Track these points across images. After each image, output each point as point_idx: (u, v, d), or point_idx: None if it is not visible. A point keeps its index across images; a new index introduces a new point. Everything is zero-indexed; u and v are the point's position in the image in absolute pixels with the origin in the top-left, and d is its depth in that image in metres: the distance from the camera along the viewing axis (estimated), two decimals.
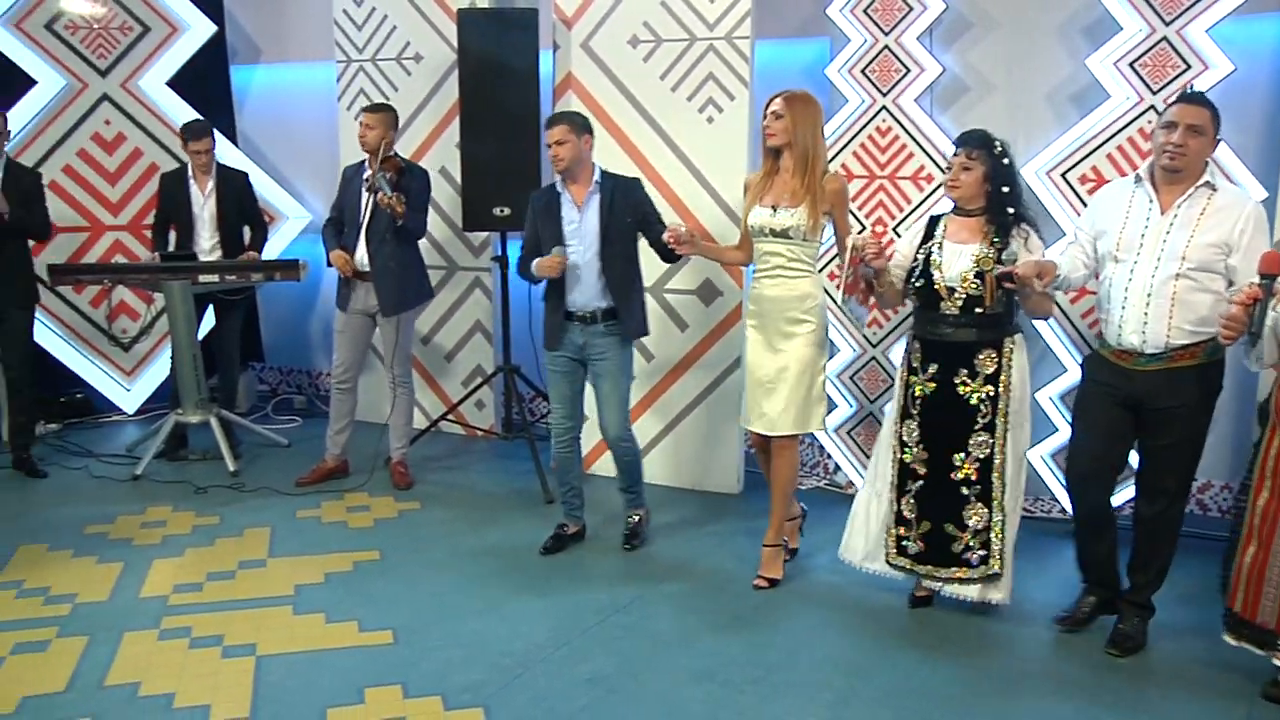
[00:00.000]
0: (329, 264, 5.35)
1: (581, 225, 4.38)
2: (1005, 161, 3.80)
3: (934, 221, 3.97)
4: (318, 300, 7.27)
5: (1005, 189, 3.78)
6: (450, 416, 6.28)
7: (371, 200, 5.17)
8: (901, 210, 5.00)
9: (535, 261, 4.36)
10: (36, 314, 5.70)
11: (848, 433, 5.34)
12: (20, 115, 6.42)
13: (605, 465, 5.31)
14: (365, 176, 5.23)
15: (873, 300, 4.05)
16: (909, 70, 4.90)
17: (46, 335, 6.57)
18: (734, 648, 3.77)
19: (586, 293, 4.40)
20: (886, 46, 4.93)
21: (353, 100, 6.39)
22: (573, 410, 4.55)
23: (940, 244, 3.88)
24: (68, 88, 6.53)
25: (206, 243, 5.91)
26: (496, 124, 5.48)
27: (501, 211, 5.56)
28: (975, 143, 3.79)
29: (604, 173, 4.46)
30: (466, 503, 5.31)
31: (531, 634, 3.87)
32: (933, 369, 3.89)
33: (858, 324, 5.13)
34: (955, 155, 3.83)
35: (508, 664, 3.64)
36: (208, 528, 4.96)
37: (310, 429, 6.49)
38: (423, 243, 5.44)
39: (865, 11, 4.95)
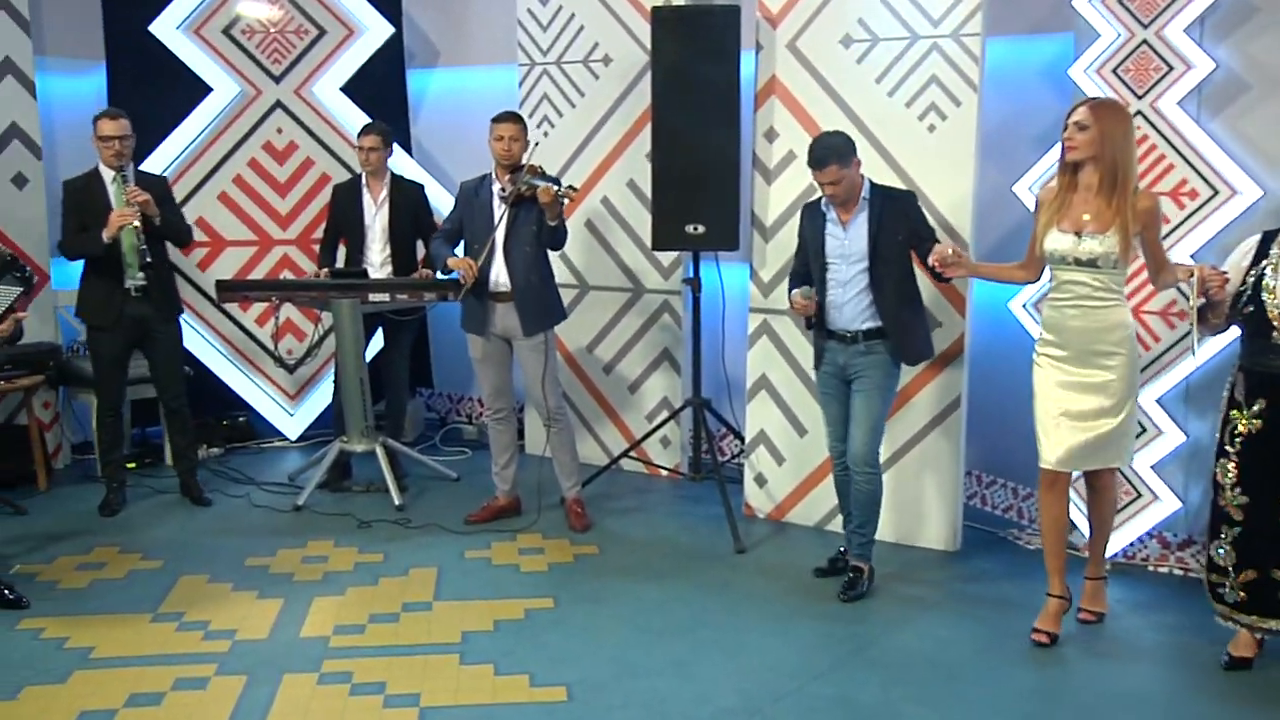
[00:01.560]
0: (443, 271, 5.41)
1: (847, 242, 4.51)
2: None
3: (1268, 238, 3.87)
4: None
5: None
6: (632, 453, 6.28)
7: (506, 213, 5.23)
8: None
9: (791, 296, 4.63)
10: (200, 332, 5.91)
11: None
12: (195, 124, 6.77)
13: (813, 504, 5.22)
14: (497, 189, 5.30)
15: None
16: (1171, 68, 4.68)
17: (210, 354, 6.88)
18: None
19: (850, 312, 4.57)
20: (1145, 41, 4.72)
21: (536, 105, 6.51)
22: (844, 432, 4.72)
23: (1276, 265, 3.80)
24: (242, 95, 6.85)
25: (376, 257, 6.07)
26: (691, 133, 5.49)
27: (695, 229, 5.56)
28: None
29: (873, 185, 4.56)
30: (649, 549, 5.30)
31: (719, 698, 3.82)
32: (1260, 405, 3.85)
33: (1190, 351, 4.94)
34: None
35: None
36: (371, 565, 5.08)
37: (481, 462, 6.50)
38: (606, 262, 5.45)
39: (1120, 1, 4.76)
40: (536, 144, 5.46)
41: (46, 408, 6.43)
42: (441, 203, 6.71)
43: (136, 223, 5.39)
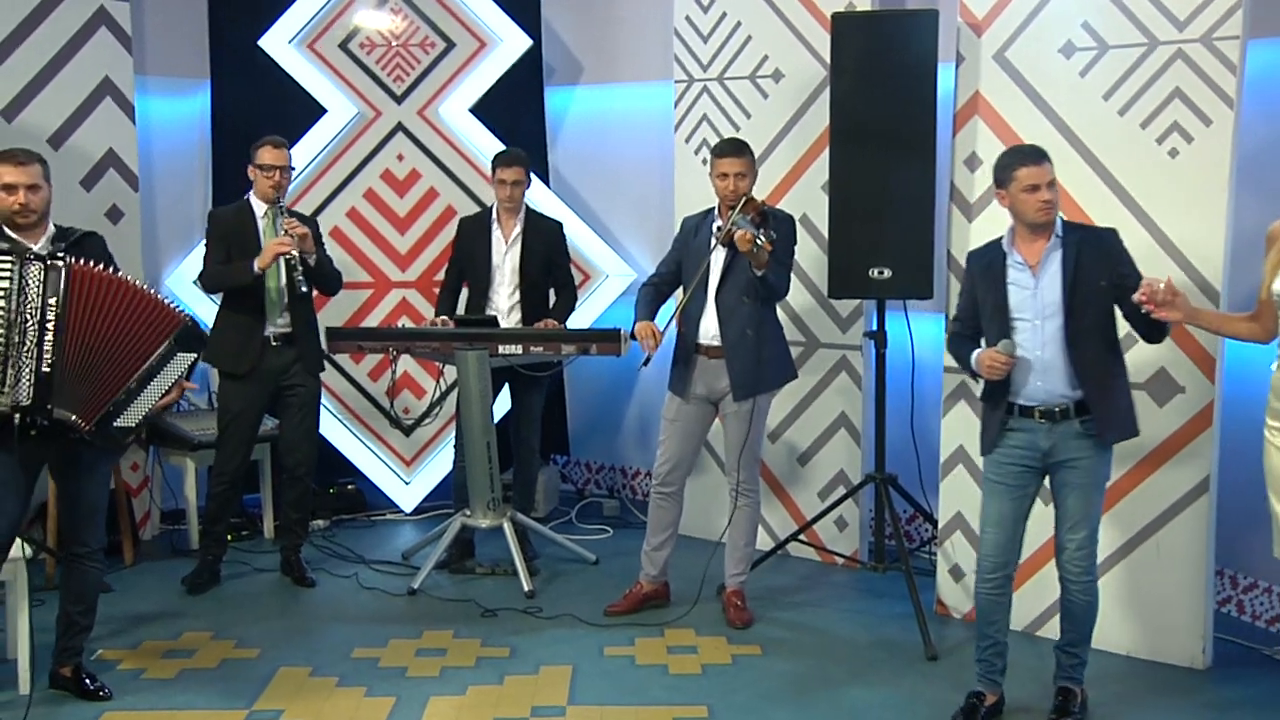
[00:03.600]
0: (632, 335, 5.40)
1: (1038, 292, 4.28)
2: None
3: None
4: (636, 381, 7.37)
5: None
6: (802, 537, 6.19)
7: (723, 257, 5.21)
8: None
9: (976, 357, 4.36)
10: None
11: None
12: (307, 149, 6.89)
13: None
14: (715, 227, 5.27)
15: None
16: None
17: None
18: None
19: (1050, 380, 4.29)
20: None
21: (694, 129, 6.51)
22: (1012, 537, 4.43)
23: None
24: (359, 116, 6.99)
25: (504, 302, 6.11)
26: (877, 160, 5.44)
27: (880, 273, 5.49)
28: None
29: (1067, 223, 4.35)
30: (821, 651, 5.21)
31: None
32: None
33: None
34: None
35: None
36: (496, 661, 5.05)
37: (623, 541, 6.58)
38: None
39: None
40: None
41: (134, 470, 6.54)
42: (582, 242, 6.74)
43: (294, 253, 5.53)
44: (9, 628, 4.79)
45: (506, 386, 6.33)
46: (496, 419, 6.21)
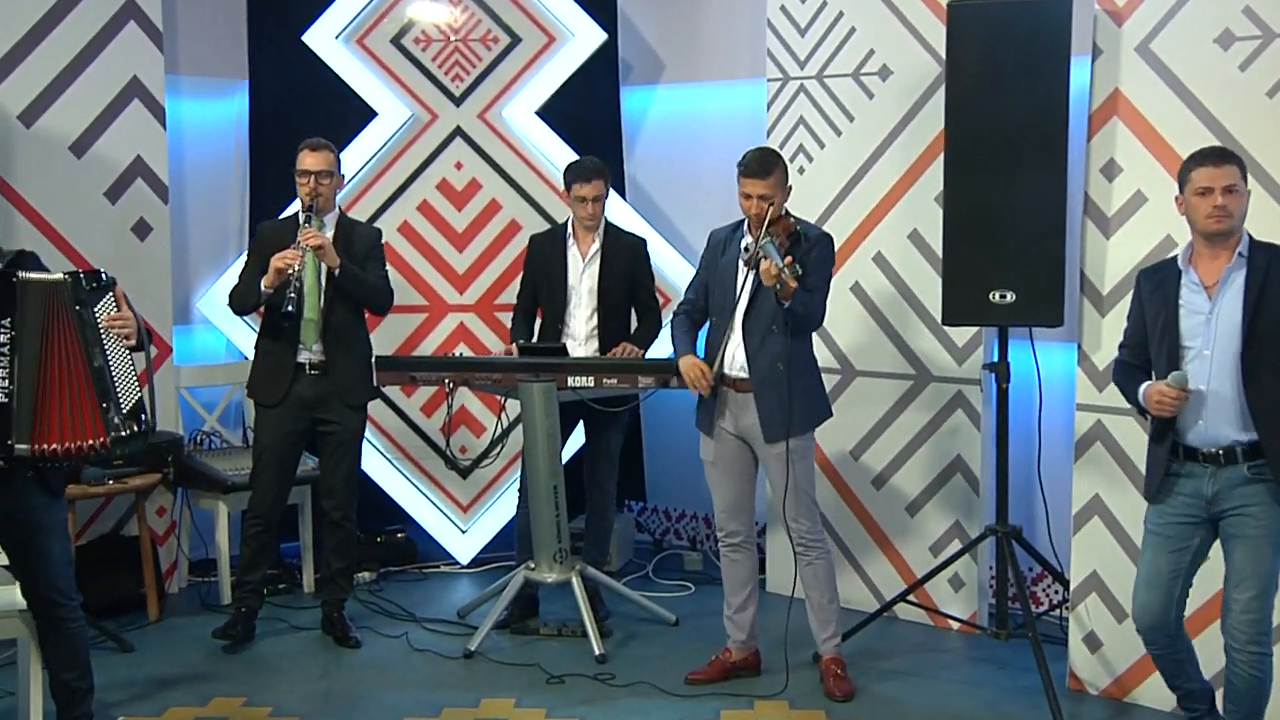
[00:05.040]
0: (677, 374, 5.43)
1: (1213, 318, 4.22)
2: None
3: None
4: None
5: None
6: (911, 597, 6.07)
7: (750, 280, 5.18)
8: None
9: (1144, 392, 4.33)
10: None
11: None
12: (354, 157, 6.87)
13: None
14: (744, 245, 5.24)
15: None
16: None
17: (363, 451, 6.81)
18: None
19: (1219, 418, 4.22)
20: None
21: (789, 133, 6.48)
22: (1166, 598, 4.38)
23: None
24: (413, 120, 6.97)
25: (581, 328, 6.10)
26: (1000, 168, 5.37)
27: (1002, 297, 5.40)
28: None
29: (1256, 242, 4.27)
30: None
31: None
32: None
33: None
34: None
35: None
36: None
37: (707, 600, 6.51)
38: (879, 339, 5.52)
39: None
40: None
41: (161, 515, 6.54)
42: (662, 260, 6.70)
43: (296, 267, 5.50)
44: (20, 692, 4.75)
45: (580, 424, 6.31)
46: (566, 460, 6.17)
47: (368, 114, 6.93)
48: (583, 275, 6.08)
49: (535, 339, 6.22)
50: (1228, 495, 4.23)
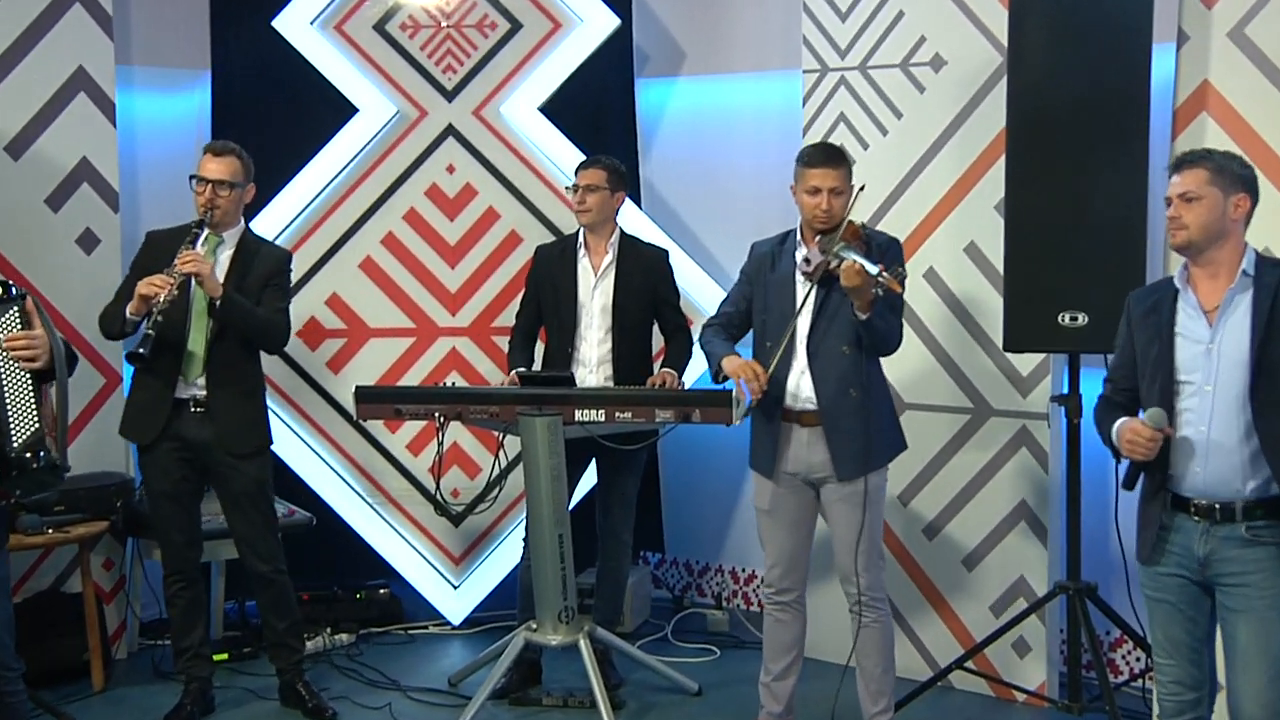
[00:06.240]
0: (718, 379, 5.33)
1: (1215, 348, 4.07)
2: None
3: None
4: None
5: None
6: (970, 663, 5.99)
7: (814, 296, 5.09)
8: None
9: (1117, 429, 4.16)
10: (328, 460, 5.99)
11: None
12: (332, 159, 6.85)
13: None
14: (803, 256, 5.14)
15: None
16: None
17: (341, 494, 6.87)
18: None
19: (1216, 466, 4.05)
20: None
21: (827, 131, 6.40)
22: (1196, 670, 4.27)
23: None
24: (399, 117, 6.90)
25: (592, 352, 6.03)
26: (1070, 172, 5.35)
27: (1073, 319, 5.37)
28: None
29: (1265, 258, 4.18)
30: None
31: None
32: None
33: None
34: None
35: None
36: None
37: (734, 666, 6.49)
38: (932, 367, 5.78)
39: None
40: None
41: (108, 569, 6.45)
42: (682, 275, 6.59)
43: (163, 296, 5.27)
44: None
45: (592, 463, 6.23)
46: (573, 504, 6.13)
47: (347, 110, 6.87)
48: (594, 291, 6.02)
49: (539, 365, 6.15)
50: (1223, 560, 4.09)
